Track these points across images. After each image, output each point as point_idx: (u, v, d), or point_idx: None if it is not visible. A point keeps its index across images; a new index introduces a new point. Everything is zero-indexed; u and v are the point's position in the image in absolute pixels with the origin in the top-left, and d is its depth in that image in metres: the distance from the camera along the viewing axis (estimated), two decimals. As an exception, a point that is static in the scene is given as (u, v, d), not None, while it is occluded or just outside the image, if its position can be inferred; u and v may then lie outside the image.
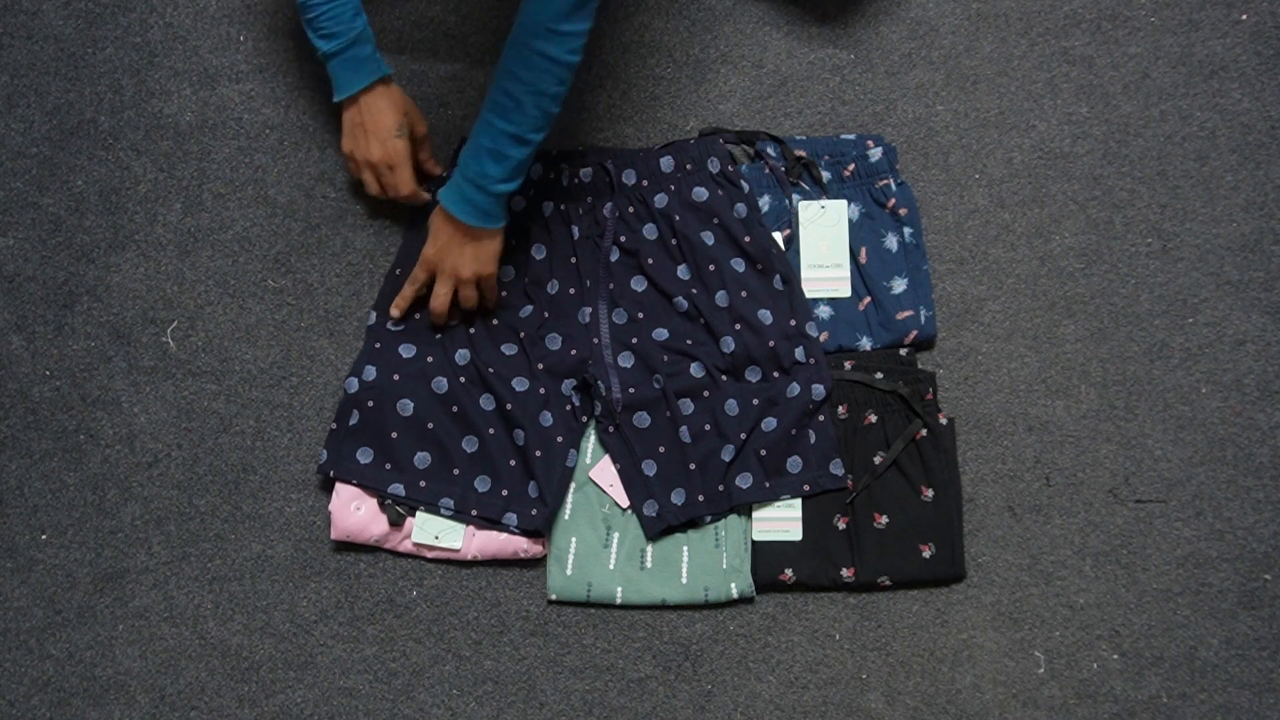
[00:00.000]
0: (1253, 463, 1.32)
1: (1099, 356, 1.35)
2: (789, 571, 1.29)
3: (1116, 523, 1.32)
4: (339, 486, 1.32)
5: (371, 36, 1.27)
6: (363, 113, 1.28)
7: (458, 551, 1.32)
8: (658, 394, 1.30)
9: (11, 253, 1.43)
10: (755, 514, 1.30)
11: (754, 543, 1.30)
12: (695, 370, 1.31)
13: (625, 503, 1.31)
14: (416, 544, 1.32)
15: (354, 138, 1.30)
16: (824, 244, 1.35)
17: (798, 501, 1.30)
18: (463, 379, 1.31)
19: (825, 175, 1.37)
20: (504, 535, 1.31)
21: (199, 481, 1.37)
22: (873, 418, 1.31)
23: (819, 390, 1.30)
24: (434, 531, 1.31)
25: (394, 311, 1.32)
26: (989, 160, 1.39)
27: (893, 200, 1.35)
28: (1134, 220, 1.37)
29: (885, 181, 1.36)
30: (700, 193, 1.33)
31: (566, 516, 1.32)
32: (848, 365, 1.33)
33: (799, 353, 1.31)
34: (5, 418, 1.40)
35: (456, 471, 1.30)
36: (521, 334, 1.33)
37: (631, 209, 1.35)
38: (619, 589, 1.30)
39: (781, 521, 1.30)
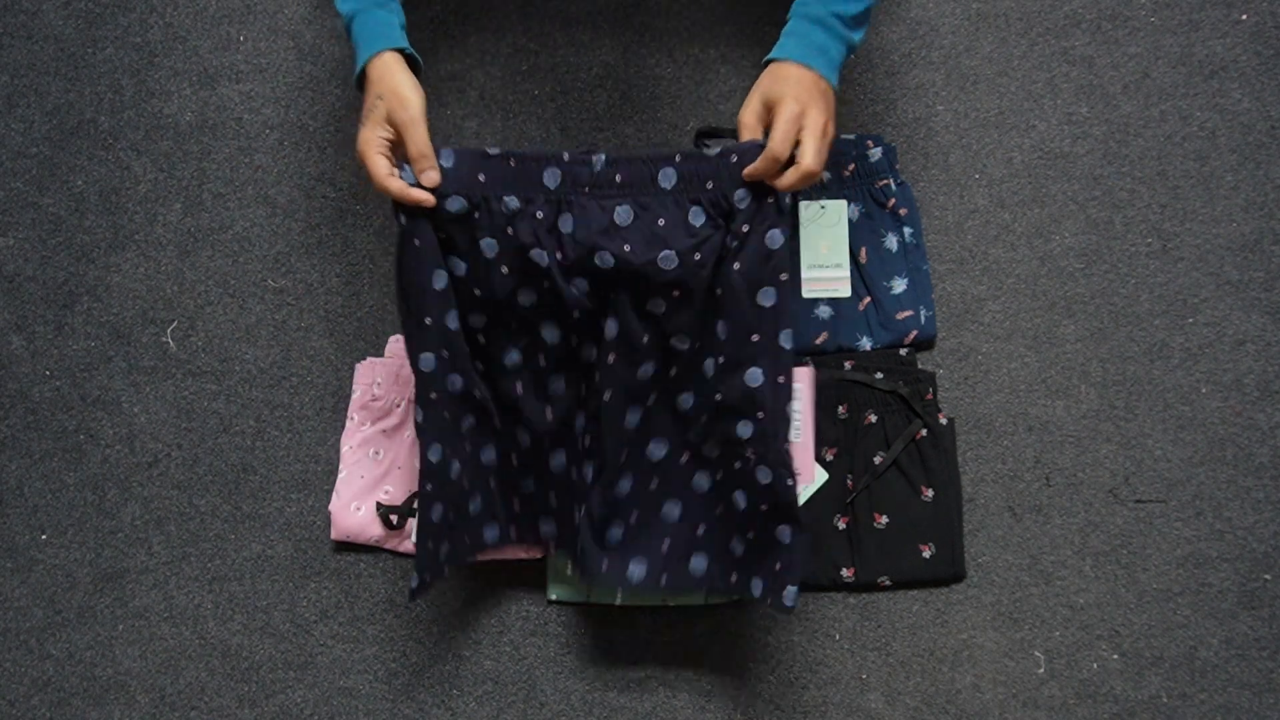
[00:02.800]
0: (1253, 463, 1.32)
1: (1099, 356, 1.35)
2: (789, 571, 1.29)
3: (1116, 523, 1.32)
4: (339, 486, 1.32)
5: (399, 10, 1.11)
6: (378, 75, 1.07)
7: (458, 551, 1.32)
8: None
9: (11, 253, 1.43)
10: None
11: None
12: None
13: None
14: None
15: (368, 109, 1.07)
16: (824, 244, 1.36)
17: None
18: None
19: (825, 175, 1.37)
20: (504, 535, 1.31)
21: (199, 481, 1.37)
22: (873, 418, 1.31)
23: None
24: (434, 531, 1.31)
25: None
26: (989, 160, 1.39)
27: (893, 200, 1.35)
28: (1134, 220, 1.37)
29: (885, 181, 1.36)
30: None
31: (566, 516, 1.32)
32: (848, 365, 1.33)
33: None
34: (5, 418, 1.40)
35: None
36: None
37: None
38: (619, 589, 1.30)
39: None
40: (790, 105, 1.02)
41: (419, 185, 1.06)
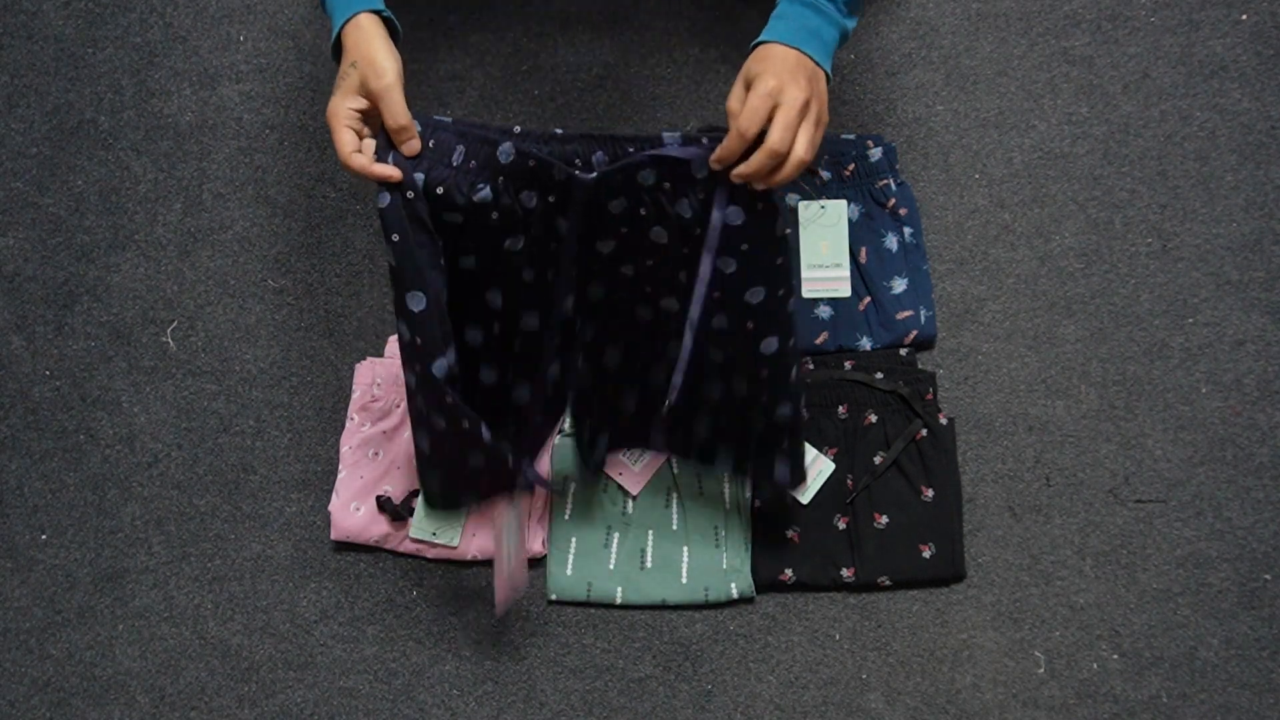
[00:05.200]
0: (1253, 463, 1.32)
1: (1099, 356, 1.35)
2: (789, 571, 1.29)
3: (1116, 523, 1.32)
4: (339, 486, 1.32)
5: None
6: (352, 41, 1.00)
7: (455, 549, 1.32)
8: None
9: (11, 253, 1.43)
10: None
11: (754, 542, 1.30)
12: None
13: (635, 490, 1.31)
14: (414, 539, 1.32)
15: (341, 76, 1.01)
16: (824, 244, 1.36)
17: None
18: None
19: (825, 175, 1.37)
20: (504, 535, 1.31)
21: (199, 481, 1.37)
22: (873, 418, 1.31)
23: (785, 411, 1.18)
24: (431, 528, 1.31)
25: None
26: (989, 160, 1.39)
27: (893, 200, 1.35)
28: (1134, 220, 1.37)
29: (885, 181, 1.36)
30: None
31: (566, 516, 1.33)
32: (848, 365, 1.33)
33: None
34: (5, 418, 1.40)
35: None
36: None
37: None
38: (619, 589, 1.30)
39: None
40: (766, 81, 0.94)
41: (396, 157, 1.02)
